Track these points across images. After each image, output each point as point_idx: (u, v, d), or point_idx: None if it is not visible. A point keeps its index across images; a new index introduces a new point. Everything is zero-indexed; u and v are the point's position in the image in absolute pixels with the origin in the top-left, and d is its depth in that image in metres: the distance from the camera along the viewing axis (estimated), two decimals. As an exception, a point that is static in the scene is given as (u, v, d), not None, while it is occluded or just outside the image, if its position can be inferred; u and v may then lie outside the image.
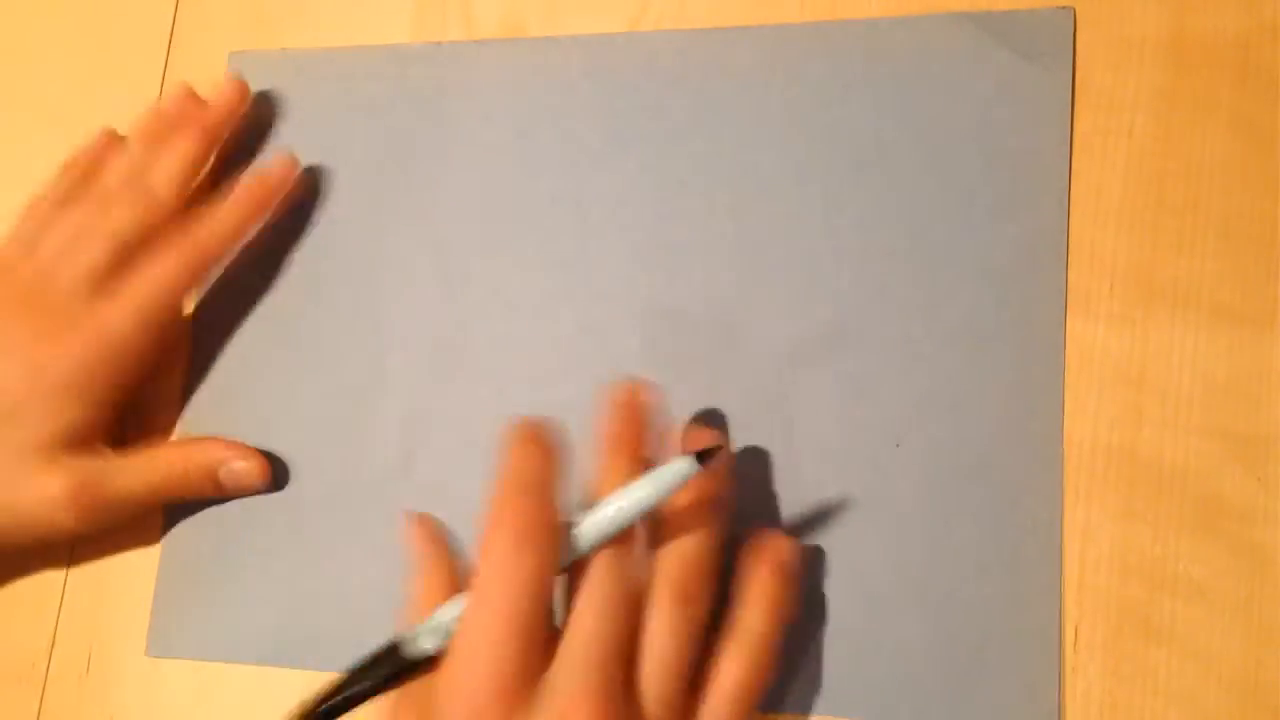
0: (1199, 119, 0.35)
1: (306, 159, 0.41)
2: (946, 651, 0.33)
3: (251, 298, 0.41)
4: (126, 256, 0.38)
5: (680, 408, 0.36)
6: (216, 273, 0.41)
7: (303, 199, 0.41)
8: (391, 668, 0.31)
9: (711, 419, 0.36)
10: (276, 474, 0.39)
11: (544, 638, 0.29)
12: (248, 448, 0.39)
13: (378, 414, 0.39)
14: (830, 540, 0.35)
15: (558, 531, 0.30)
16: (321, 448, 0.39)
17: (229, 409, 0.40)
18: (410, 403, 0.39)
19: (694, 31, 0.39)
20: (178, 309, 0.40)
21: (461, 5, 0.42)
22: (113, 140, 0.42)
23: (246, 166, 0.42)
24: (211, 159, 0.42)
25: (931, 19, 0.37)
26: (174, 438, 0.41)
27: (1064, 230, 0.35)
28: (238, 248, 0.40)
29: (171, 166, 0.40)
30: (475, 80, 0.41)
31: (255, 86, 0.42)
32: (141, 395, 0.40)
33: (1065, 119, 0.36)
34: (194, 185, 0.41)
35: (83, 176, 0.41)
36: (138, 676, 0.39)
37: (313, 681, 0.37)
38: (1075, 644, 0.33)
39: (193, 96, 0.42)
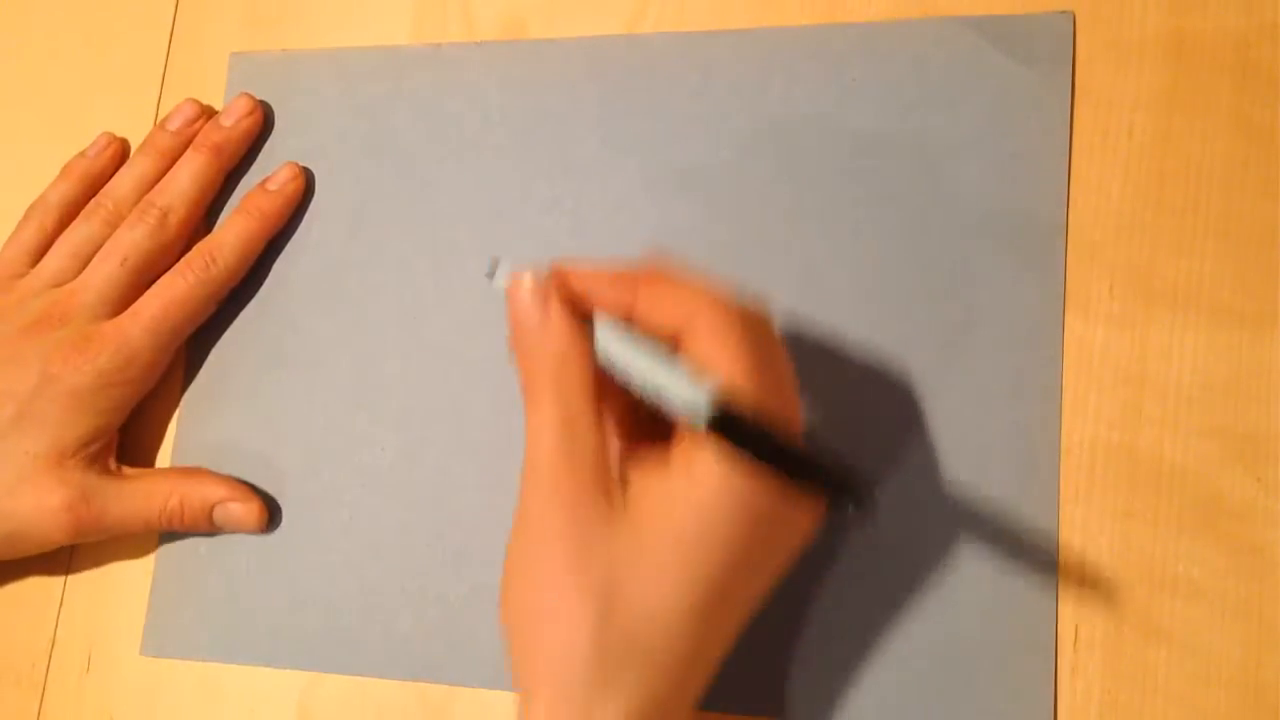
0: (1199, 119, 0.35)
1: (305, 160, 0.41)
2: (940, 653, 0.33)
3: (247, 298, 0.41)
4: (141, 275, 0.39)
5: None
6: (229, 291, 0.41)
7: (300, 200, 0.41)
8: None
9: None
10: (270, 510, 0.39)
11: None
12: (247, 488, 0.39)
13: (374, 415, 0.39)
14: (826, 540, 0.35)
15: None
16: (316, 449, 0.39)
17: (225, 410, 0.40)
18: (406, 404, 0.39)
19: (693, 34, 0.39)
20: (192, 327, 0.40)
21: (461, 6, 0.42)
22: (114, 147, 0.42)
23: (247, 168, 0.42)
24: (222, 180, 0.42)
25: (930, 23, 0.37)
26: (171, 437, 0.41)
27: (1063, 231, 0.35)
28: (250, 265, 0.40)
29: (185, 186, 0.40)
30: (474, 82, 0.41)
31: (255, 86, 0.42)
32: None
33: (1065, 125, 0.35)
34: (207, 206, 0.41)
35: (88, 187, 0.41)
36: (137, 677, 0.39)
37: (311, 682, 0.37)
38: (1075, 644, 0.33)
39: (203, 112, 0.42)
